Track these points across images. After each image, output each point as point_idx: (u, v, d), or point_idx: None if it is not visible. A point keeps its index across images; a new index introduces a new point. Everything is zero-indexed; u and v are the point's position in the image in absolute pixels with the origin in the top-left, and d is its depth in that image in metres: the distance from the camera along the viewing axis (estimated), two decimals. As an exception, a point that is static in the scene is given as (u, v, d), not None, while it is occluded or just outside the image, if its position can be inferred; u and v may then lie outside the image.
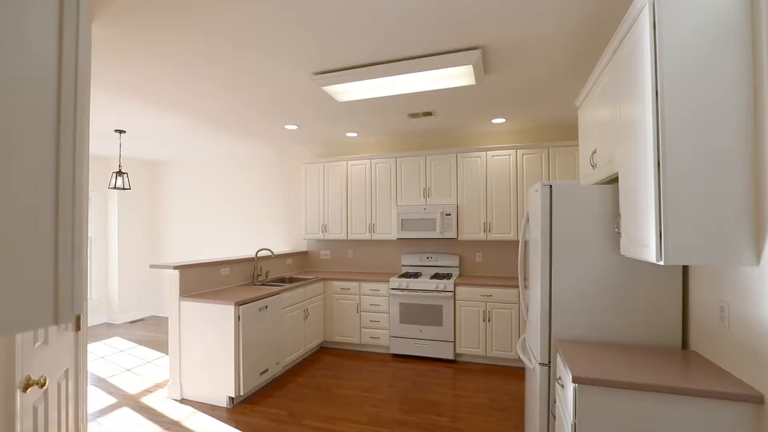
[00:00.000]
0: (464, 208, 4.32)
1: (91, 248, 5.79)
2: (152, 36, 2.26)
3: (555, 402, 1.95)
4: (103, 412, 3.01)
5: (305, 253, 5.35)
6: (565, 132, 4.32)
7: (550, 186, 2.01)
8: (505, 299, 3.88)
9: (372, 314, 4.37)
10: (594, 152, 2.27)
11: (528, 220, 2.43)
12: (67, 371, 1.83)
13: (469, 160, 4.32)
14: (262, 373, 3.33)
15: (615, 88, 1.84)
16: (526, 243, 2.52)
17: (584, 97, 2.53)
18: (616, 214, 1.93)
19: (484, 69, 2.71)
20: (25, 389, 1.39)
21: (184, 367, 3.21)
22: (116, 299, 5.89)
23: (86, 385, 2.02)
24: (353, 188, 4.81)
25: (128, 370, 3.91)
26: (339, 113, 3.73)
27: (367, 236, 4.72)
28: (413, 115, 3.80)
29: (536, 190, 2.12)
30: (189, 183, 6.24)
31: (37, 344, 1.51)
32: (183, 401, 3.17)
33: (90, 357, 4.30)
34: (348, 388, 3.41)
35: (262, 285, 4.03)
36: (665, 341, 1.88)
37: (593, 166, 2.29)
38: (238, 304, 3.08)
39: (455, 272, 4.58)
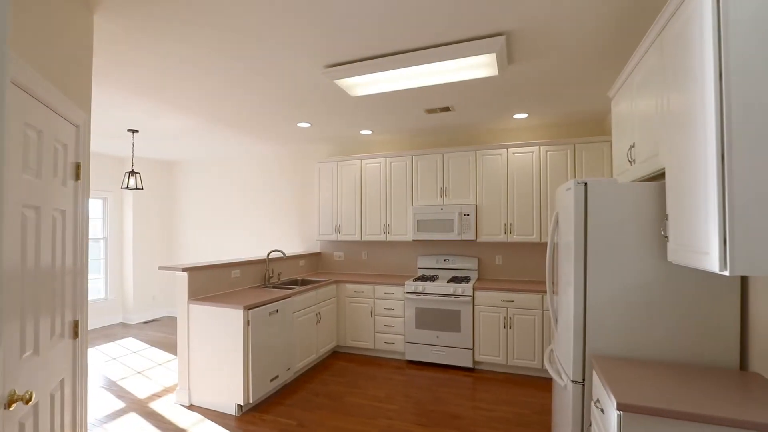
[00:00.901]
0: (484, 208, 4.11)
1: (107, 248, 5.80)
2: (158, 30, 2.15)
3: (591, 425, 1.74)
4: (110, 417, 2.93)
5: (318, 254, 5.22)
6: (594, 127, 4.07)
7: (585, 184, 1.80)
8: (528, 305, 3.66)
9: (386, 318, 4.20)
10: (632, 147, 2.05)
11: (557, 221, 2.22)
12: (62, 381, 1.72)
13: (489, 157, 4.10)
14: (272, 380, 3.20)
15: (661, 73, 1.63)
16: (555, 246, 2.31)
17: (620, 87, 2.31)
18: (662, 216, 1.71)
19: (507, 58, 2.51)
20: (8, 405, 1.28)
21: (192, 372, 3.11)
22: (131, 299, 5.89)
23: (85, 394, 1.92)
24: (367, 188, 4.65)
25: (139, 372, 3.84)
26: (352, 109, 3.58)
27: (381, 237, 4.55)
28: (430, 111, 3.62)
29: (568, 189, 1.91)
30: (203, 183, 6.21)
31: (25, 355, 1.40)
32: (191, 407, 3.07)
33: (103, 358, 4.27)
34: (361, 397, 3.25)
35: (274, 287, 3.91)
36: (720, 360, 1.65)
37: (631, 161, 2.06)
38: (247, 308, 2.96)
39: (474, 276, 4.38)
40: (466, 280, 4.13)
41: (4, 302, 1.24)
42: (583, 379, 1.80)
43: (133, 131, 4.39)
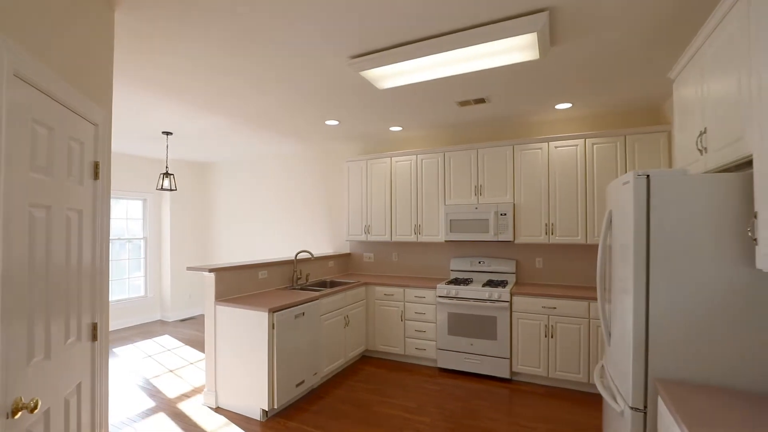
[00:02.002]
0: (522, 207, 3.82)
1: (146, 248, 6.00)
2: (177, 28, 2.09)
3: (655, 462, 1.47)
4: (140, 416, 2.95)
5: (348, 255, 5.11)
6: (648, 116, 3.66)
7: (648, 177, 1.53)
8: (572, 312, 3.34)
9: (417, 323, 4.00)
10: (702, 133, 1.74)
11: (611, 220, 1.94)
12: (80, 385, 1.68)
13: (528, 152, 3.81)
14: (298, 385, 3.10)
15: (746, 42, 1.34)
16: (607, 248, 2.03)
17: (684, 65, 1.99)
18: (747, 213, 1.42)
19: (550, 39, 2.25)
20: (13, 414, 1.22)
21: (219, 374, 3.07)
22: (168, 298, 6.06)
23: (105, 396, 1.88)
24: (398, 187, 4.48)
25: (171, 371, 3.89)
26: (381, 104, 3.42)
27: (412, 238, 4.37)
28: (463, 103, 3.39)
29: (626, 183, 1.65)
30: (235, 184, 6.29)
31: (34, 360, 1.34)
32: (218, 410, 3.03)
33: (140, 355, 4.37)
34: (390, 407, 3.08)
35: (302, 289, 3.82)
36: (827, 392, 1.34)
37: (702, 150, 1.76)
38: (272, 310, 2.88)
39: (511, 279, 4.09)
40: (502, 284, 3.85)
41: (6, 305, 1.18)
42: (645, 407, 1.53)
43: (167, 133, 4.47)
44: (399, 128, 4.28)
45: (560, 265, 3.97)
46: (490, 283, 3.86)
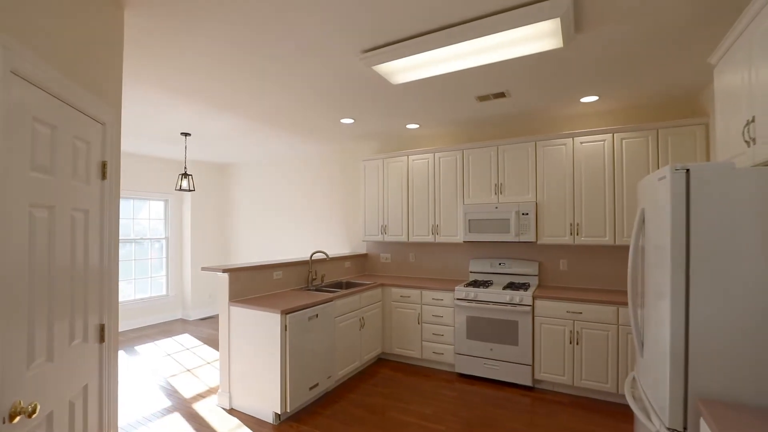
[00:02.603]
0: (545, 206, 3.64)
1: (168, 248, 6.11)
2: (191, 25, 2.06)
3: (697, 490, 1.32)
4: (155, 416, 2.95)
5: (365, 255, 5.04)
6: (682, 108, 3.42)
7: (687, 171, 1.38)
8: (599, 318, 3.14)
9: (434, 326, 3.88)
10: (750, 122, 1.56)
11: (643, 219, 1.78)
12: (86, 387, 1.66)
13: (552, 149, 3.63)
14: (311, 388, 3.04)
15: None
16: (640, 249, 1.86)
17: (728, 48, 1.81)
18: (805, 212, 1.25)
19: (574, 25, 2.10)
20: (11, 419, 1.19)
21: (233, 375, 3.05)
22: (189, 297, 6.15)
23: (114, 398, 1.86)
24: (414, 185, 4.37)
25: (188, 370, 3.91)
26: (396, 100, 3.32)
27: (429, 238, 4.25)
28: (482, 98, 3.25)
29: (661, 178, 1.49)
30: (253, 185, 6.32)
31: (35, 363, 1.32)
32: (231, 411, 3.01)
33: (160, 354, 4.43)
34: (405, 413, 2.98)
35: (317, 290, 3.77)
36: None
37: (749, 141, 1.58)
38: (285, 312, 2.82)
39: (533, 282, 3.91)
40: (524, 286, 3.68)
41: (1, 307, 1.15)
42: (685, 429, 1.38)
43: (186, 134, 4.51)
44: (416, 126, 4.17)
45: (586, 268, 3.76)
46: (511, 286, 3.70)
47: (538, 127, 4.04)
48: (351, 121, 3.97)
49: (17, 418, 1.20)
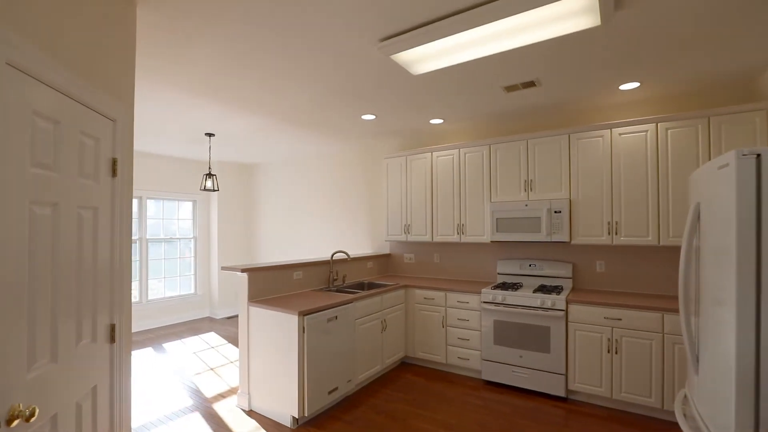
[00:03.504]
0: (580, 203, 3.39)
1: (196, 247, 6.23)
2: (204, 24, 2.01)
3: None
4: (176, 415, 2.95)
5: (387, 255, 4.91)
6: (736, 93, 3.07)
7: (758, 156, 1.16)
8: (642, 325, 2.87)
9: (460, 330, 3.70)
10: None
11: (699, 215, 1.55)
12: (95, 388, 1.62)
13: (587, 141, 3.36)
14: (330, 392, 2.95)
15: None
16: (693, 249, 1.63)
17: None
18: None
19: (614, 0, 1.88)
20: (8, 423, 1.15)
21: (252, 376, 3.01)
22: (216, 295, 6.25)
23: (126, 399, 1.82)
24: (439, 183, 4.20)
25: (212, 369, 3.92)
26: (417, 93, 3.17)
27: (455, 238, 4.07)
28: (510, 89, 3.05)
29: (723, 166, 1.27)
30: (278, 185, 6.34)
31: (36, 364, 1.28)
32: (250, 413, 2.96)
33: (185, 352, 4.49)
34: (428, 422, 2.83)
35: (337, 291, 3.68)
36: None
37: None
38: (302, 313, 2.74)
39: (567, 285, 3.65)
40: (557, 290, 3.44)
41: (-4, 309, 1.11)
42: (755, 462, 1.16)
43: (210, 135, 4.55)
44: (440, 120, 4.00)
45: (626, 270, 3.47)
46: (542, 289, 3.46)
47: (571, 118, 3.77)
48: (372, 117, 3.86)
49: (15, 422, 1.16)
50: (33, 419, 1.19)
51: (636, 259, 3.43)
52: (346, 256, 3.92)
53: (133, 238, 5.50)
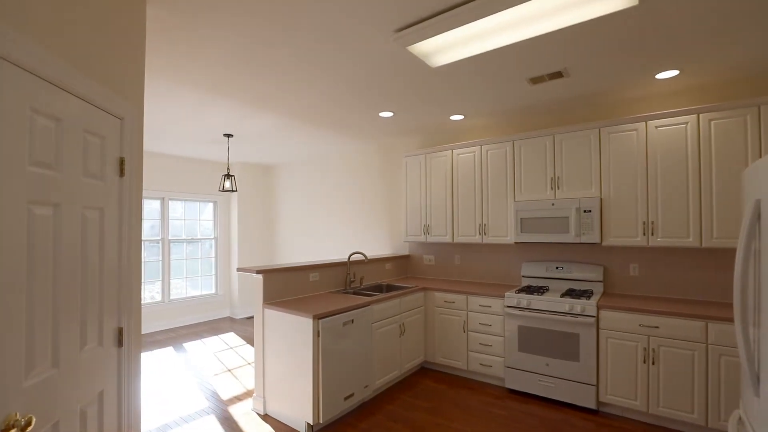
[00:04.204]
0: (612, 201, 3.17)
1: (217, 247, 6.28)
2: (214, 21, 1.95)
3: None
4: (191, 417, 2.93)
5: (407, 257, 4.79)
6: (790, 81, 2.79)
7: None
8: (682, 334, 2.64)
9: (482, 336, 3.54)
10: None
11: (759, 213, 1.36)
12: (101, 393, 1.58)
13: (620, 135, 3.14)
14: (346, 398, 2.85)
15: None
16: (752, 251, 1.44)
17: None
18: None
19: (654, -24, 1.70)
20: (4, 432, 1.11)
21: (267, 380, 2.95)
22: (237, 296, 6.28)
23: (134, 403, 1.77)
24: (460, 182, 4.05)
25: (229, 370, 3.91)
26: (437, 87, 3.04)
27: (476, 239, 3.90)
28: (535, 80, 2.87)
29: (793, 157, 1.09)
30: (296, 185, 6.33)
31: (36, 370, 1.23)
32: (265, 417, 2.91)
33: (205, 352, 4.51)
34: (448, 431, 2.70)
35: (354, 293, 3.59)
36: None
37: None
38: (317, 317, 2.66)
39: (597, 289, 3.43)
40: (586, 294, 3.23)
41: (-11, 314, 1.06)
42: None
43: (228, 135, 4.56)
44: (460, 117, 3.85)
45: (663, 274, 3.22)
46: (570, 293, 3.26)
47: (602, 111, 3.54)
48: (390, 114, 3.74)
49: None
50: (30, 429, 1.14)
51: (674, 262, 3.18)
52: (364, 258, 3.83)
53: (156, 238, 5.60)
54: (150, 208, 5.57)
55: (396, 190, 5.00)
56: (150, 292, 5.55)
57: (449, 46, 2.20)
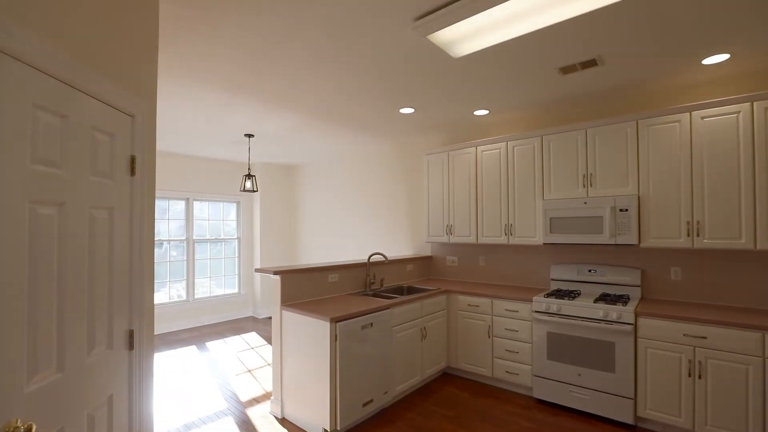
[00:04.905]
0: (651, 199, 2.92)
1: (240, 247, 6.34)
2: (228, 17, 1.90)
3: None
4: (209, 419, 2.91)
5: (429, 258, 4.65)
6: None
7: None
8: (733, 346, 2.39)
9: (508, 342, 3.36)
10: None
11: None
12: (111, 397, 1.54)
13: (660, 128, 2.90)
14: (365, 405, 2.76)
15: None
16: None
17: None
18: None
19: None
20: (1, 440, 1.06)
21: (285, 383, 2.89)
22: (259, 295, 6.32)
23: (146, 407, 1.73)
24: (484, 180, 3.87)
25: (249, 371, 3.89)
26: (459, 80, 2.89)
27: (502, 240, 3.72)
28: (566, 70, 2.68)
29: None
30: (318, 185, 6.30)
31: (39, 375, 1.19)
32: (283, 421, 2.85)
33: (227, 352, 4.52)
34: (471, 444, 2.55)
35: (374, 295, 3.49)
36: None
37: None
38: (334, 320, 2.57)
39: (634, 294, 3.18)
40: (623, 300, 2.99)
41: (-14, 317, 1.02)
42: None
43: (249, 136, 4.56)
44: (484, 111, 3.68)
45: (710, 278, 2.95)
46: (604, 298, 3.03)
47: (638, 103, 3.29)
48: (411, 110, 3.62)
49: (10, 441, 1.06)
50: (29, 436, 1.09)
51: (723, 266, 2.90)
52: (384, 259, 3.72)
53: (181, 238, 5.70)
54: (176, 209, 5.67)
55: (417, 189, 4.87)
56: (177, 291, 5.65)
57: (472, 33, 2.06)
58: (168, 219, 5.58)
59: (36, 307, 1.17)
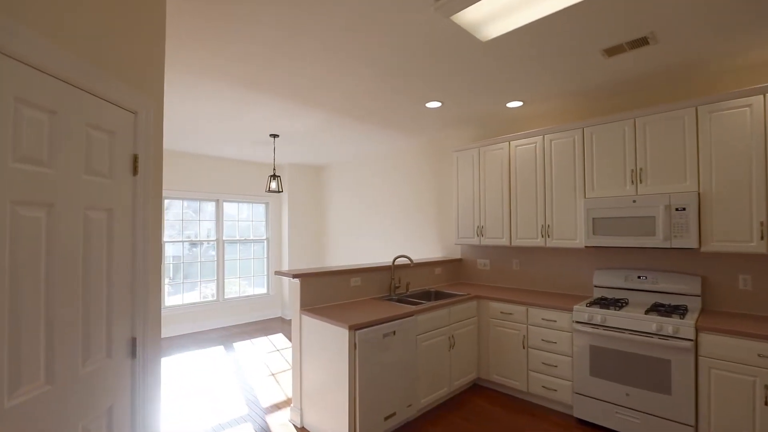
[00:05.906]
0: (713, 197, 2.55)
1: (268, 248, 6.36)
2: (244, 13, 1.80)
3: None
4: (229, 425, 2.84)
5: (459, 261, 4.40)
6: None
7: None
8: (824, 371, 2.00)
9: (545, 354, 3.07)
10: None
11: None
12: (110, 409, 1.46)
13: (726, 114, 2.51)
14: (387, 418, 2.58)
15: None
16: None
17: None
18: None
19: None
20: (-24, 461, 0.98)
21: (304, 390, 2.77)
22: (287, 296, 6.31)
23: (153, 418, 1.65)
24: (518, 177, 3.59)
25: (272, 374, 3.82)
26: (489, 68, 2.65)
27: (538, 242, 3.42)
28: (611, 51, 2.37)
29: None
30: (346, 185, 6.20)
31: (23, 389, 1.11)
32: (302, 430, 2.73)
33: (252, 353, 4.50)
34: (503, 469, 2.30)
35: (398, 301, 3.31)
36: None
37: None
38: (354, 327, 2.42)
39: (694, 305, 2.80)
40: (679, 311, 2.63)
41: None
42: None
43: (274, 136, 4.52)
44: (518, 103, 3.40)
45: (789, 289, 2.53)
46: (657, 309, 2.68)
47: (699, 85, 2.90)
48: (438, 104, 3.41)
49: (-13, 461, 0.98)
50: (7, 457, 1.01)
51: (805, 274, 2.47)
52: (409, 262, 3.53)
53: (211, 239, 5.78)
54: (207, 210, 5.76)
55: (447, 188, 4.64)
56: (210, 290, 5.74)
57: (501, 12, 1.84)
58: (199, 220, 5.68)
59: (18, 316, 1.09)
